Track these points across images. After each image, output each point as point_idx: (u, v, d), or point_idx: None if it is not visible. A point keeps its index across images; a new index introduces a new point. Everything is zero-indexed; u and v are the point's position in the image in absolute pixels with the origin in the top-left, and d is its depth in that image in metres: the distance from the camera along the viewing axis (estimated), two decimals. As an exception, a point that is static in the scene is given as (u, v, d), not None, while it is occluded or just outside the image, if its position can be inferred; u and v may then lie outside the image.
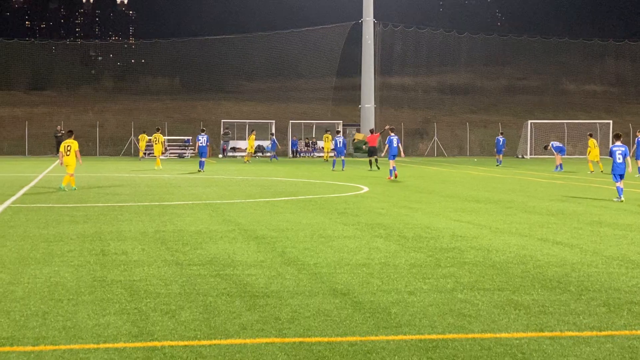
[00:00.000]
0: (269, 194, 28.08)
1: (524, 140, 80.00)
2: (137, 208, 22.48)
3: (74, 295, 10.46)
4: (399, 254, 14.03)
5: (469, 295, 10.57)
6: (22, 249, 14.35)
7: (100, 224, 18.28)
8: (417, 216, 20.67)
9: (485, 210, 22.27)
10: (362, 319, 9.29)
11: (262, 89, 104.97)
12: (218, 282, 11.33)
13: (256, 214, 20.96)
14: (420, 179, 38.29)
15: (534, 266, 12.85)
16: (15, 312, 9.49)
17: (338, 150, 49.26)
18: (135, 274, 11.94)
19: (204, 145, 45.86)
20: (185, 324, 8.98)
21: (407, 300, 10.23)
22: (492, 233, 17.12)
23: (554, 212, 21.80)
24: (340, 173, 43.55)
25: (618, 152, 24.88)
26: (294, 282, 11.41)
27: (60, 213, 20.83)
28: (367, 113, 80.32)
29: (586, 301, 10.28)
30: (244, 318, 9.26)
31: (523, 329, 8.91)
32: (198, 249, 14.50)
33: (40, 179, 36.51)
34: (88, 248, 14.53)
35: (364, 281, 11.50)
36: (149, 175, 39.72)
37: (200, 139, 46.40)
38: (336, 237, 16.19)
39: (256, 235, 16.49)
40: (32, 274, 11.91)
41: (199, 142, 46.53)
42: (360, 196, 27.58)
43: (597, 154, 47.39)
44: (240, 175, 41.36)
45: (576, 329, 8.92)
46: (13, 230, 17.13)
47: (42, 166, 50.20)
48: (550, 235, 16.73)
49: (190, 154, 75.38)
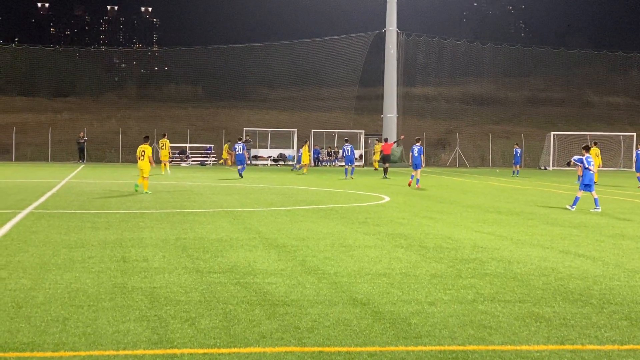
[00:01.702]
0: (290, 203, 28.08)
1: (547, 152, 79.71)
2: (158, 215, 22.53)
3: (94, 301, 10.48)
4: (420, 264, 13.98)
5: (489, 306, 10.52)
6: (44, 255, 14.41)
7: (122, 231, 18.34)
8: (438, 226, 20.61)
9: (506, 222, 22.17)
10: (382, 329, 9.25)
11: (285, 97, 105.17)
12: (238, 290, 11.33)
13: (277, 222, 20.96)
14: (442, 189, 38.19)
15: (555, 278, 12.77)
16: (36, 318, 9.52)
17: (347, 158, 49.89)
18: (155, 281, 11.96)
19: (241, 153, 47.64)
20: (204, 332, 8.98)
21: (428, 311, 10.18)
22: (514, 244, 17.03)
23: (576, 224, 21.68)
24: (361, 182, 43.50)
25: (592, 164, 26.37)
26: (314, 291, 11.39)
27: (82, 219, 20.91)
28: (390, 123, 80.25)
29: (608, 314, 10.21)
30: (263, 326, 9.25)
31: (544, 341, 8.85)
32: (218, 256, 14.50)
33: (63, 185, 36.67)
34: (109, 254, 14.57)
35: (384, 291, 11.47)
36: (170, 183, 39.82)
37: (237, 147, 48.22)
38: (357, 247, 16.16)
39: (277, 243, 16.48)
40: (53, 280, 11.95)
41: (236, 150, 48.26)
42: (381, 206, 27.53)
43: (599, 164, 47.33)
44: (262, 183, 41.40)
45: (597, 342, 8.86)
46: (35, 235, 17.20)
47: (64, 172, 50.47)
48: (572, 248, 16.63)
49: (212, 161, 75.60)
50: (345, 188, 37.99)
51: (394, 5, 79.87)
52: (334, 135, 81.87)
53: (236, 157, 48.43)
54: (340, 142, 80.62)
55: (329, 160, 78.34)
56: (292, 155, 78.26)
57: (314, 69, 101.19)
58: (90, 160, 77.04)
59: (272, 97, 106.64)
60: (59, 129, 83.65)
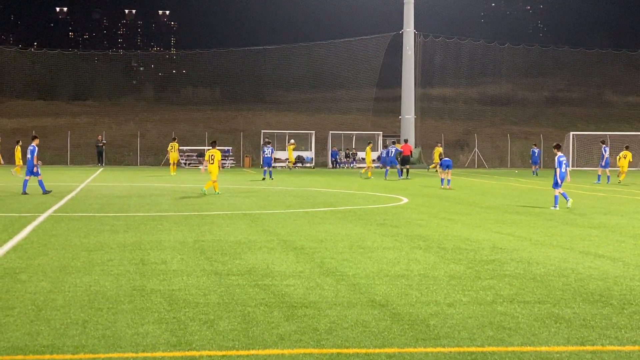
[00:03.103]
0: (308, 205, 28.09)
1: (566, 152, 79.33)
2: (176, 218, 22.59)
3: (113, 304, 10.51)
4: (438, 266, 13.95)
5: (508, 307, 10.48)
6: (63, 258, 14.46)
7: (140, 234, 18.39)
8: (456, 228, 20.56)
9: (525, 223, 22.09)
10: (401, 330, 9.23)
11: (302, 99, 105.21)
12: (256, 292, 11.34)
13: (295, 224, 20.97)
14: (460, 190, 38.10)
15: (575, 279, 12.71)
16: (56, 321, 9.55)
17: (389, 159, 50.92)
18: (174, 284, 11.98)
19: (269, 156, 48.63)
20: (223, 334, 8.98)
21: (446, 312, 10.16)
22: (533, 245, 16.97)
23: (595, 225, 21.58)
24: (380, 183, 43.48)
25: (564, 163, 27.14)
26: (333, 292, 11.38)
27: (101, 222, 20.98)
28: (408, 124, 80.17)
29: (628, 315, 10.15)
30: (282, 328, 9.25)
31: (564, 342, 8.81)
32: (237, 259, 14.52)
33: (82, 188, 36.81)
34: (128, 257, 14.61)
35: (402, 292, 11.45)
36: (189, 185, 39.89)
37: (266, 150, 49.16)
38: (375, 248, 16.15)
39: (295, 245, 16.49)
40: (73, 283, 12.00)
41: (265, 153, 49.17)
42: (399, 207, 27.50)
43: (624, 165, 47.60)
44: (280, 185, 41.42)
45: (618, 343, 8.81)
46: (54, 239, 17.27)
47: (83, 176, 50.67)
48: (592, 248, 16.56)
49: (231, 164, 75.71)
50: (363, 190, 37.96)
51: (411, 7, 79.80)
52: (352, 137, 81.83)
53: (264, 160, 49.28)
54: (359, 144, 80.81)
55: (347, 162, 78.26)
56: (310, 157, 78.29)
57: (332, 70, 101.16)
58: (109, 163, 77.32)
59: (289, 100, 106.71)
60: (77, 133, 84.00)
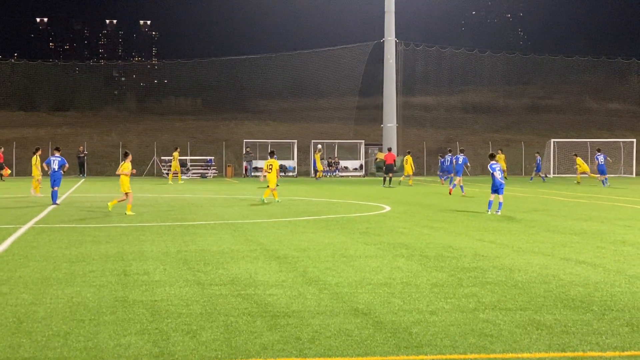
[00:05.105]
0: (291, 214, 28.09)
1: (547, 159, 79.69)
2: (159, 228, 22.54)
3: (95, 315, 10.49)
4: (421, 274, 13.99)
5: (491, 315, 10.52)
6: (45, 269, 14.41)
7: (123, 244, 18.35)
8: (439, 235, 20.61)
9: (507, 230, 22.18)
10: (383, 338, 9.25)
11: (284, 108, 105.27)
12: (239, 302, 11.33)
13: (278, 233, 20.97)
14: (443, 198, 38.19)
15: (556, 286, 12.77)
16: (37, 333, 9.52)
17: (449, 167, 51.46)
18: (156, 294, 11.96)
19: None
20: (206, 344, 8.98)
21: (429, 320, 10.19)
22: (515, 252, 17.03)
23: (577, 232, 21.68)
24: (362, 192, 43.53)
25: (497, 170, 28.30)
26: (315, 301, 11.39)
27: (83, 233, 20.92)
28: (390, 132, 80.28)
29: (609, 321, 10.21)
30: (265, 338, 9.25)
31: (545, 349, 8.85)
32: (220, 268, 14.51)
33: (64, 199, 36.67)
34: (110, 268, 14.58)
35: (385, 301, 11.47)
36: (171, 196, 39.82)
37: None
38: (358, 257, 16.17)
39: (278, 255, 16.49)
40: (54, 294, 11.95)
41: None
42: (382, 215, 27.54)
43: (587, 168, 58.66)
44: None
45: (599, 349, 8.86)
46: (36, 250, 17.21)
47: (65, 187, 50.45)
48: (573, 255, 16.63)
49: (213, 174, 75.60)
50: (346, 198, 37.99)
51: (392, 15, 79.99)
52: (334, 145, 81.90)
53: None
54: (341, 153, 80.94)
55: (329, 171, 78.29)
56: (292, 166, 78.28)
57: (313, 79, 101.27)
58: (91, 174, 77.08)
59: (271, 109, 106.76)
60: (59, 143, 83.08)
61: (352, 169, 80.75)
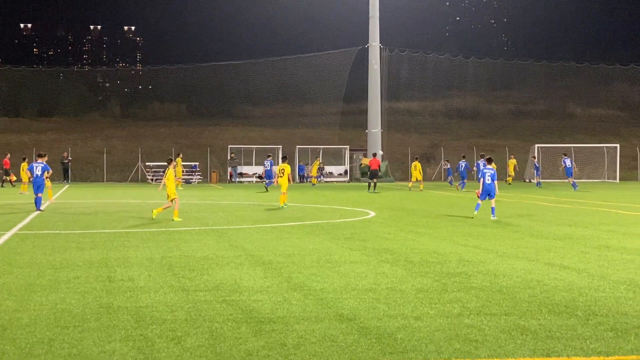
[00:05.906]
0: (275, 220, 28.08)
1: (531, 164, 79.92)
2: (143, 234, 22.49)
3: (79, 322, 10.45)
4: (406, 279, 14.00)
5: (475, 320, 10.54)
6: (29, 276, 14.35)
7: (107, 251, 18.29)
8: (423, 241, 20.64)
9: (492, 235, 22.23)
10: (368, 344, 9.26)
11: (269, 114, 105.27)
12: (224, 308, 11.32)
13: (263, 239, 20.96)
14: (427, 204, 38.25)
15: (541, 291, 12.81)
16: (21, 340, 9.48)
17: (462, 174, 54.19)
18: (141, 300, 11.93)
19: (269, 169, 53.61)
20: (191, 350, 8.96)
21: (414, 326, 10.20)
22: (499, 257, 17.07)
23: (561, 237, 21.75)
24: (346, 198, 43.54)
25: (488, 174, 28.69)
26: (300, 307, 11.39)
27: (67, 239, 20.85)
28: (374, 138, 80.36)
29: (593, 326, 10.24)
30: (249, 344, 9.24)
31: (530, 354, 8.87)
32: (204, 274, 14.48)
33: (47, 205, 36.53)
34: (94, 274, 14.53)
35: (370, 306, 11.47)
36: (156, 202, 39.71)
37: (266, 163, 54.76)
38: (342, 263, 16.17)
39: (263, 260, 16.48)
40: (38, 301, 11.91)
41: (265, 166, 54.87)
42: (366, 221, 27.56)
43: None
44: (248, 200, 41.37)
45: (583, 354, 8.89)
46: (20, 257, 17.14)
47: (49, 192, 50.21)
48: (558, 260, 16.68)
49: (197, 179, 75.47)
50: (331, 204, 38.00)
51: (376, 21, 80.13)
52: (319, 151, 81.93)
53: (266, 172, 54.42)
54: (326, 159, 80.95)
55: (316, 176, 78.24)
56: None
57: (298, 85, 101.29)
58: (75, 180, 76.80)
59: (256, 114, 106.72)
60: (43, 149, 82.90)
61: (337, 174, 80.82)
